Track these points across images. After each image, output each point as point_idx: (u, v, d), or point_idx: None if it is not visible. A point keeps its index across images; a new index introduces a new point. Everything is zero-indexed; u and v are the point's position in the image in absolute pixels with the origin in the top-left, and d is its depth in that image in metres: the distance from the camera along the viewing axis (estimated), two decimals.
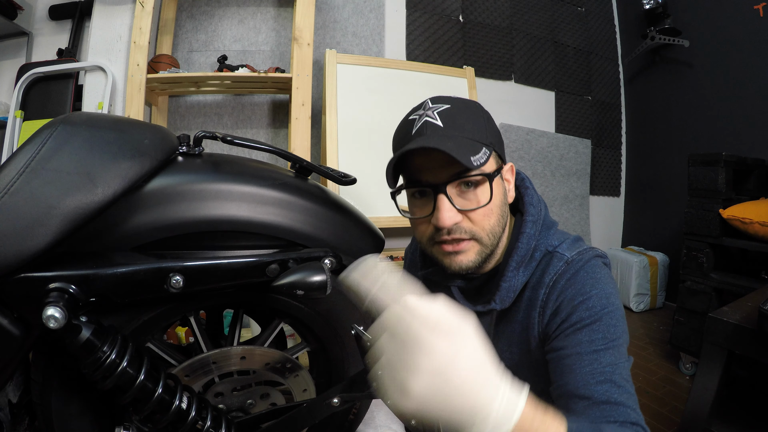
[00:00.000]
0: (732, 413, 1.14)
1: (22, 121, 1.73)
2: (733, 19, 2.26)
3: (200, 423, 0.58)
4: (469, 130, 0.60)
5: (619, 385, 0.52)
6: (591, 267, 0.61)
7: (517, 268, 0.64)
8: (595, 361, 0.53)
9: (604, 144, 2.97)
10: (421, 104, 0.63)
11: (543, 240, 0.66)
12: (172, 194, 0.57)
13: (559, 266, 0.63)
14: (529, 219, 0.66)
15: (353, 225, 0.70)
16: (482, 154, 0.58)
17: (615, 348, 0.55)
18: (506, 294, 0.64)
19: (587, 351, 0.54)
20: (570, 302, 0.59)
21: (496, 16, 2.59)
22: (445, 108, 0.60)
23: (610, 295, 0.59)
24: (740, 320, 1.01)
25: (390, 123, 0.65)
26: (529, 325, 0.64)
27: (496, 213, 0.62)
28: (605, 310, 0.57)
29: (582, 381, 0.52)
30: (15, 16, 1.76)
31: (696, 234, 1.76)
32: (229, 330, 0.74)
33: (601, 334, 0.55)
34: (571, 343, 0.56)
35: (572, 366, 0.54)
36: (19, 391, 0.67)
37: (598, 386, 0.51)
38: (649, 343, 2.14)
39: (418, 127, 0.60)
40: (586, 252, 0.64)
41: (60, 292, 0.49)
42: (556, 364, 0.57)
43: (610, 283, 0.61)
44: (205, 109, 2.05)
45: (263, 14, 2.09)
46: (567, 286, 0.60)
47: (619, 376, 0.52)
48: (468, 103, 0.64)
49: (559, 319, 0.59)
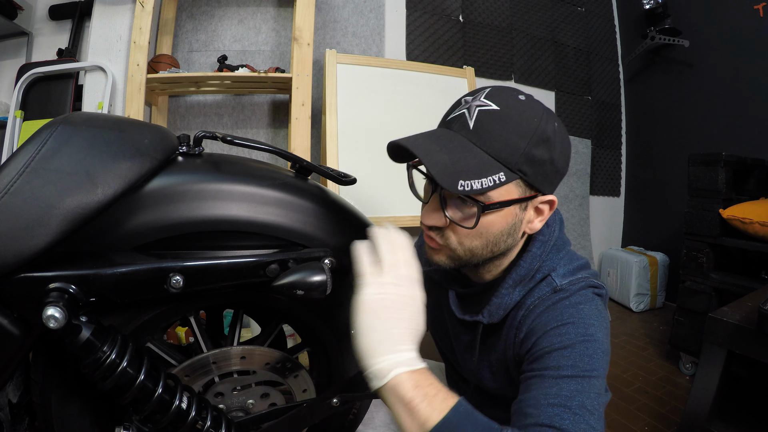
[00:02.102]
0: (732, 413, 1.14)
1: (22, 121, 1.73)
2: (733, 19, 2.26)
3: (200, 423, 0.58)
4: (497, 146, 0.51)
5: (575, 413, 0.45)
6: (577, 297, 0.57)
7: (514, 286, 0.60)
8: (555, 385, 0.48)
9: (604, 144, 2.97)
10: (480, 90, 0.56)
11: (548, 262, 0.61)
12: (172, 194, 0.57)
13: (545, 291, 0.59)
14: (539, 238, 0.62)
15: (353, 225, 0.70)
16: (492, 179, 0.50)
17: (585, 379, 0.48)
18: (495, 310, 0.61)
19: (551, 375, 0.49)
20: (543, 327, 0.55)
21: (496, 16, 2.59)
22: (491, 109, 0.52)
23: (591, 326, 0.53)
24: (740, 320, 1.01)
25: (390, 123, 0.65)
26: (506, 346, 0.62)
27: (488, 240, 0.56)
28: (580, 339, 0.51)
29: (533, 399, 0.48)
30: (15, 16, 1.76)
31: (696, 234, 1.76)
32: (229, 330, 0.74)
33: (572, 362, 0.50)
34: (537, 366, 0.52)
35: (531, 386, 0.50)
36: (19, 391, 0.67)
37: (548, 408, 0.46)
38: (649, 343, 2.14)
39: (452, 116, 0.55)
40: (578, 282, 0.59)
41: (60, 292, 0.49)
42: (521, 386, 0.53)
43: (595, 316, 0.55)
44: (205, 109, 2.05)
45: (263, 14, 2.09)
46: (545, 312, 0.57)
47: (578, 404, 0.46)
48: (527, 116, 0.53)
49: (530, 343, 0.55)
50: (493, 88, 0.56)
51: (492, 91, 0.55)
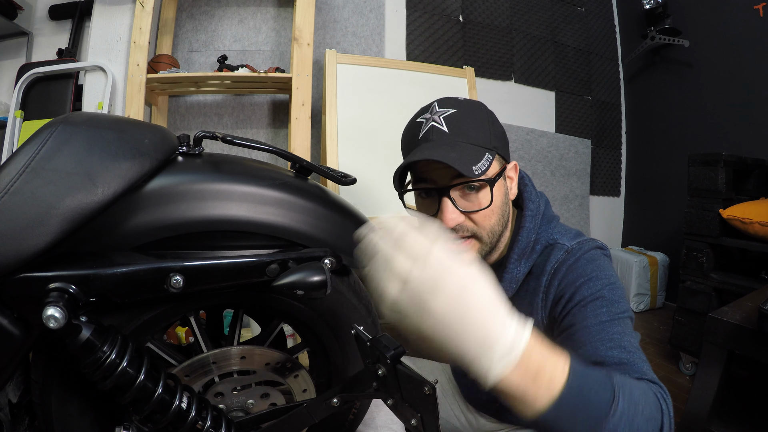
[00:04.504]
0: (732, 413, 1.14)
1: (22, 121, 1.73)
2: (733, 19, 2.26)
3: (200, 423, 0.58)
4: (473, 135, 0.63)
5: (630, 350, 0.53)
6: (591, 255, 0.65)
7: (519, 260, 0.68)
8: (602, 331, 0.55)
9: (604, 144, 2.97)
10: (428, 106, 0.67)
11: (544, 233, 0.69)
12: (172, 194, 0.57)
13: (560, 255, 0.66)
14: (528, 214, 0.70)
15: (353, 225, 0.70)
16: (485, 160, 0.61)
17: (620, 320, 0.57)
18: (509, 284, 0.68)
19: (594, 323, 0.57)
20: (572, 284, 0.62)
21: (496, 16, 2.59)
22: (451, 113, 0.64)
23: (611, 276, 0.62)
24: (740, 320, 1.01)
25: (390, 123, 0.67)
26: (533, 311, 0.67)
27: (497, 213, 0.65)
28: (607, 288, 0.59)
29: (593, 349, 0.54)
30: (15, 16, 1.76)
31: (696, 234, 1.76)
32: (229, 330, 0.74)
33: (606, 308, 0.58)
34: (577, 320, 0.59)
35: (582, 339, 0.56)
36: (19, 391, 0.67)
37: (609, 351, 0.53)
38: (649, 343, 2.14)
39: (424, 131, 0.64)
40: (587, 242, 0.67)
41: (60, 292, 0.49)
42: (568, 342, 0.58)
43: (610, 268, 0.64)
44: (205, 109, 2.05)
45: (263, 14, 2.09)
46: (568, 272, 0.63)
47: (628, 343, 0.54)
48: (473, 106, 0.67)
49: (564, 300, 0.62)
50: (437, 100, 0.67)
51: (440, 102, 0.66)
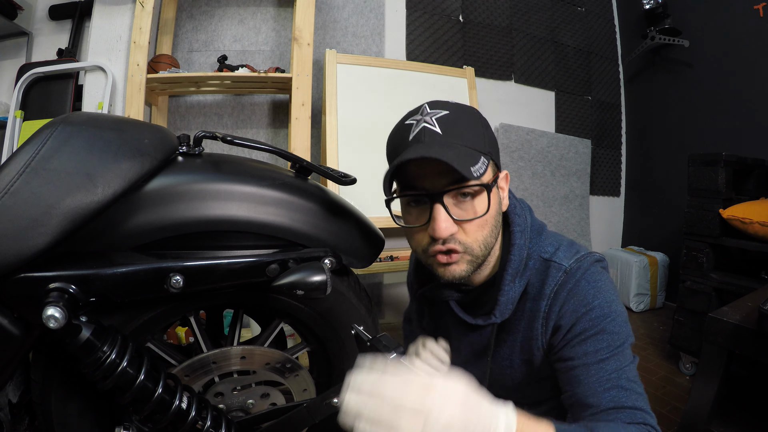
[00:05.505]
0: (732, 413, 1.14)
1: (22, 121, 1.73)
2: (733, 19, 2.26)
3: (200, 423, 0.58)
4: (468, 138, 0.58)
5: (626, 388, 0.54)
6: (591, 275, 0.62)
7: (512, 279, 0.64)
8: (601, 370, 0.56)
9: (604, 144, 2.97)
10: (418, 108, 0.61)
11: (535, 247, 0.66)
12: (172, 194, 0.57)
13: (559, 276, 0.63)
14: (516, 229, 0.66)
15: (353, 225, 0.70)
16: (481, 163, 0.56)
17: (620, 353, 0.57)
18: (505, 307, 0.65)
19: (593, 361, 0.57)
20: (573, 314, 0.60)
21: (496, 16, 2.59)
22: (443, 114, 0.58)
23: (612, 303, 0.60)
24: (740, 320, 1.01)
25: (390, 123, 0.65)
26: (532, 336, 0.64)
27: (490, 223, 0.60)
28: (608, 319, 0.59)
29: (590, 390, 0.55)
30: (15, 16, 1.76)
31: (696, 234, 1.76)
32: (229, 330, 0.74)
33: (606, 343, 0.57)
34: (577, 354, 0.58)
35: (580, 377, 0.57)
36: (19, 391, 0.67)
37: (605, 393, 0.54)
38: (649, 343, 2.14)
39: (415, 133, 0.58)
40: (585, 258, 0.64)
41: (60, 292, 0.49)
42: (566, 375, 0.59)
43: (611, 290, 0.62)
44: (205, 109, 2.05)
45: (263, 14, 2.09)
46: (569, 297, 0.61)
47: (625, 380, 0.55)
48: (467, 110, 0.62)
49: (564, 330, 0.60)
50: (428, 102, 0.62)
51: (430, 104, 0.61)
